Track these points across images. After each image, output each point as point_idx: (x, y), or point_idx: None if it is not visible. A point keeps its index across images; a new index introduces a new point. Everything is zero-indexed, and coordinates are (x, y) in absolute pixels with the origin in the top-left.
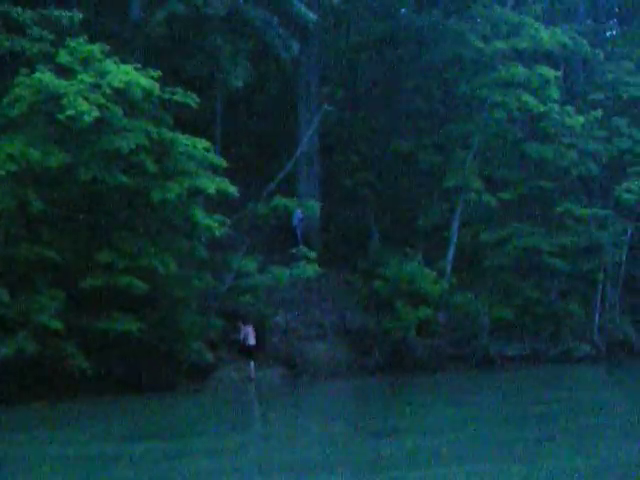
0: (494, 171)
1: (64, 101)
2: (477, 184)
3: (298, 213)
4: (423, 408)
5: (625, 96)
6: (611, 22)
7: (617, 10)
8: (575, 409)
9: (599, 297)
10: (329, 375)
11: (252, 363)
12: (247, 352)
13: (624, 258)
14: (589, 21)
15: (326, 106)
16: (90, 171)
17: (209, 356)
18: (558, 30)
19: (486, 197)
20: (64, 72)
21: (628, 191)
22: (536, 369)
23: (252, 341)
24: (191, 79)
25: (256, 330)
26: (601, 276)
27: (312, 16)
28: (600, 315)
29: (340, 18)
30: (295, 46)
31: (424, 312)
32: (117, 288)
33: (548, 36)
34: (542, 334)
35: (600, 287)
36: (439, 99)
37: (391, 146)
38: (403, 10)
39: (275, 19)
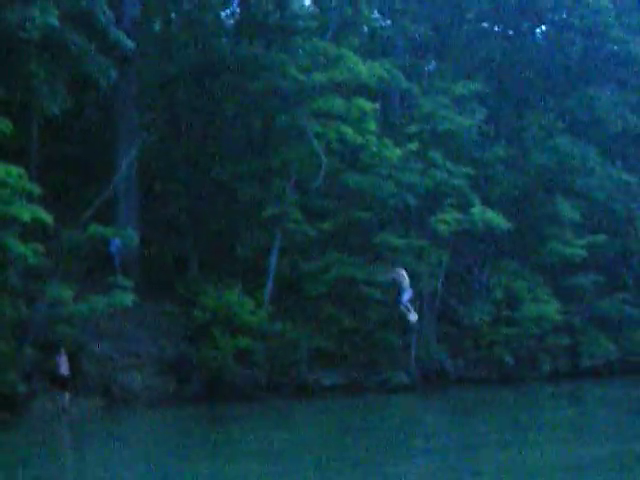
0: (313, 201)
1: None
2: (296, 214)
3: (116, 241)
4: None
5: (440, 129)
6: (429, 57)
7: (434, 46)
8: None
9: (416, 327)
10: (146, 405)
11: (66, 394)
12: (61, 382)
13: (439, 288)
14: (407, 56)
15: (145, 134)
16: None
17: (22, 387)
18: (376, 64)
19: (305, 227)
20: None
21: (443, 222)
22: (352, 398)
23: (66, 371)
24: (5, 104)
25: (71, 360)
26: (417, 306)
27: (130, 44)
28: (416, 344)
29: (161, 46)
30: (113, 73)
31: (243, 341)
32: None
33: (366, 69)
34: (360, 363)
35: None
36: (259, 129)
37: (210, 175)
38: (224, 40)
39: (92, 46)
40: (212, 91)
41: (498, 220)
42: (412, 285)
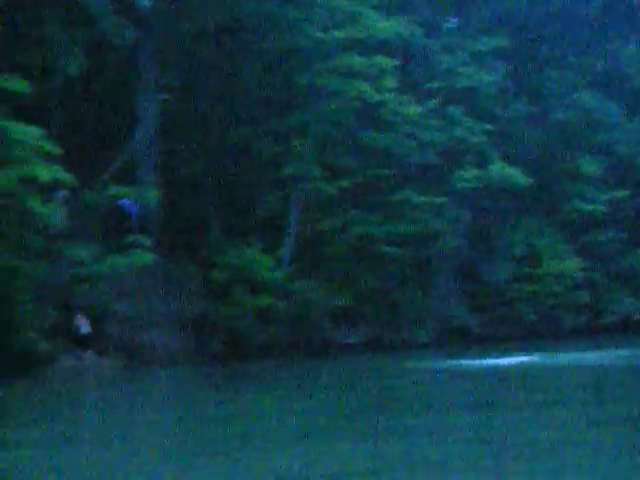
0: (332, 159)
1: None
2: (315, 172)
3: (136, 202)
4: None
5: (460, 86)
6: (448, 13)
7: (454, 2)
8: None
9: (436, 284)
10: (168, 364)
11: (88, 352)
12: (83, 341)
13: (460, 245)
14: (426, 12)
15: (163, 95)
16: None
17: (45, 346)
18: (395, 20)
19: (324, 185)
20: None
21: (463, 179)
22: (374, 356)
23: (87, 331)
24: (27, 67)
25: (93, 319)
26: (438, 263)
27: (147, 3)
28: (437, 302)
29: (179, 5)
30: (131, 34)
31: (263, 300)
32: None
33: (385, 26)
34: (381, 321)
35: (437, 274)
36: (277, 88)
37: (230, 135)
38: None
39: (110, 6)
40: (231, 50)
41: (518, 177)
42: (432, 243)
